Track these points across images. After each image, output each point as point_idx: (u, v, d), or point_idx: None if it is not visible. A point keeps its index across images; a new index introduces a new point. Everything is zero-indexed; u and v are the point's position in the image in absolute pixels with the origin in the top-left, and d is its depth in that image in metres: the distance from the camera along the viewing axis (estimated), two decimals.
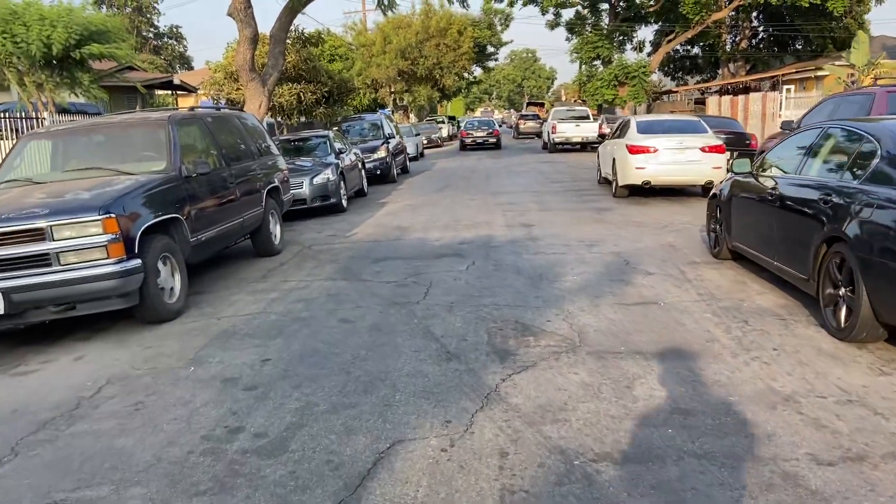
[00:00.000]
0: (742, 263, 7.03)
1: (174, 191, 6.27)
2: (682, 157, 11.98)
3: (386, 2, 15.77)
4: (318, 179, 12.14)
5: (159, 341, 5.41)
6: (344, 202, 12.85)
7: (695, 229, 9.28)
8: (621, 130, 13.86)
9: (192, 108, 7.55)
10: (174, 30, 72.69)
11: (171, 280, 6.06)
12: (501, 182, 16.81)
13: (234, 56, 15.52)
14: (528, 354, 4.63)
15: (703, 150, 11.96)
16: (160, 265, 5.86)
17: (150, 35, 71.18)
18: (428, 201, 13.62)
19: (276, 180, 9.06)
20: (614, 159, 13.06)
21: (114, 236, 5.29)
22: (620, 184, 12.65)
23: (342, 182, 12.94)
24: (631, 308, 5.65)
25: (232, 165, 7.67)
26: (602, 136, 17.76)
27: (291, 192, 11.73)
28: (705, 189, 12.34)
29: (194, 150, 7.12)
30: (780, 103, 26.01)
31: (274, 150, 9.62)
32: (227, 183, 7.39)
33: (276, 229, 8.94)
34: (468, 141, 33.45)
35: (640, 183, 12.16)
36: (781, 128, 12.05)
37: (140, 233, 5.55)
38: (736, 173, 6.53)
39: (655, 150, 12.02)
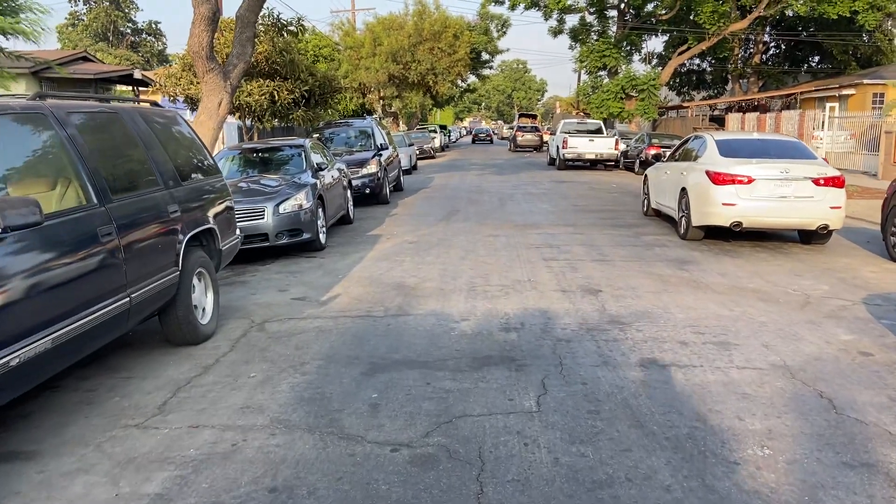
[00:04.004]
0: None
1: None
2: (788, 191, 8.74)
3: None
4: (286, 207, 8.72)
5: None
6: (322, 237, 9.44)
7: (856, 309, 6.03)
8: (687, 152, 10.63)
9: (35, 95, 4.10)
10: (153, 26, 69.13)
11: None
12: (521, 208, 13.48)
13: (188, 40, 12.06)
14: None
15: (816, 182, 8.72)
16: None
17: (128, 31, 67.53)
18: (435, 236, 10.24)
19: (210, 219, 5.64)
20: (683, 189, 9.80)
21: None
22: (695, 223, 9.38)
23: (320, 209, 9.54)
24: None
25: (114, 201, 4.25)
26: (657, 158, 14.45)
27: (249, 223, 8.38)
28: (813, 234, 9.12)
29: (24, 177, 3.71)
30: (823, 122, 23.04)
31: (215, 169, 6.21)
32: (95, 235, 3.96)
33: (205, 299, 5.51)
34: (475, 139, 60.39)
35: (727, 224, 8.90)
36: None
37: None
38: None
39: (751, 181, 8.77)
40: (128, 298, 4.22)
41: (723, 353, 4.87)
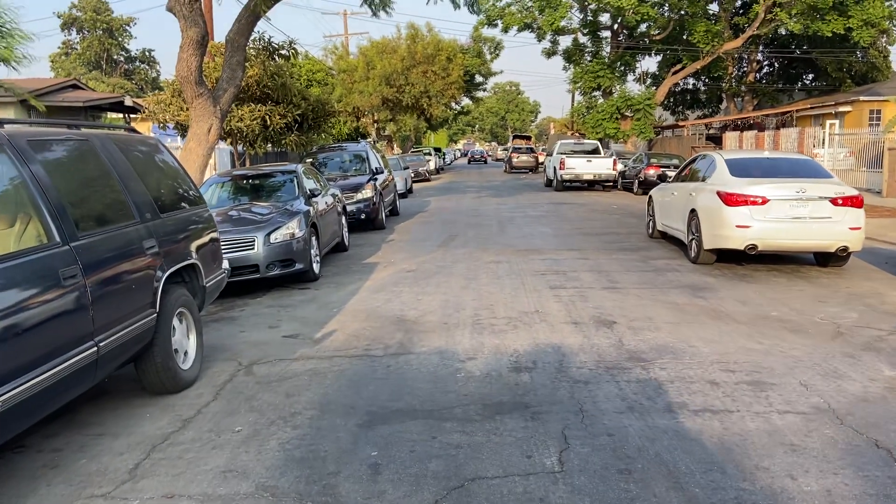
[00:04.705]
0: None
1: None
2: (805, 212, 8.35)
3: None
4: (277, 236, 8.28)
5: None
6: (315, 267, 8.98)
7: (893, 339, 5.58)
8: (695, 171, 10.25)
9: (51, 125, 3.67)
10: (146, 54, 69.34)
11: None
12: (522, 231, 13.07)
13: (176, 65, 11.70)
14: None
15: (833, 202, 8.34)
16: None
17: (121, 59, 67.69)
18: (434, 263, 9.79)
19: (192, 253, 5.19)
20: (693, 211, 9.40)
21: None
22: (707, 246, 8.96)
23: (314, 237, 9.10)
24: None
25: (81, 238, 3.80)
26: (662, 178, 14.01)
27: (238, 254, 7.94)
28: (830, 257, 8.71)
29: None
30: (823, 140, 22.80)
31: (198, 198, 5.78)
32: (56, 277, 3.51)
33: (186, 342, 5.03)
34: (470, 160, 67.77)
35: (741, 248, 8.48)
36: None
37: None
38: None
39: (765, 202, 8.38)
40: (95, 348, 3.75)
41: (759, 395, 4.41)
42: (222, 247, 7.62)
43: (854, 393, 4.43)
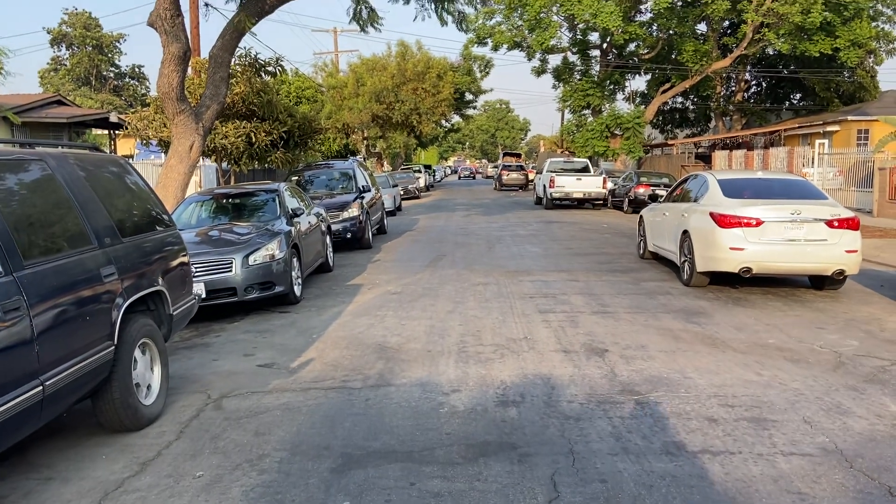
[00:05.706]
0: None
1: None
2: (800, 234, 8.14)
3: (365, 15, 11.91)
4: (256, 258, 7.96)
5: None
6: (297, 290, 8.66)
7: None
8: (686, 192, 10.04)
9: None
10: (136, 70, 68.95)
11: None
12: (511, 251, 12.81)
13: (157, 80, 11.43)
14: None
15: (829, 224, 8.13)
16: None
17: (111, 75, 67.34)
18: (420, 285, 9.49)
19: (158, 279, 4.87)
20: (685, 232, 9.17)
21: None
22: (700, 269, 8.72)
23: (295, 259, 8.78)
24: None
25: (27, 267, 3.48)
26: (654, 199, 13.80)
27: (215, 276, 7.63)
28: (826, 280, 8.50)
29: None
30: (812, 159, 22.77)
31: (167, 220, 5.47)
32: None
33: (150, 375, 4.69)
34: (460, 177, 71.92)
35: (735, 270, 8.25)
36: None
37: None
38: None
39: (759, 224, 8.16)
40: (40, 387, 3.43)
41: (761, 434, 4.13)
42: (198, 269, 7.34)
43: (861, 431, 4.16)
